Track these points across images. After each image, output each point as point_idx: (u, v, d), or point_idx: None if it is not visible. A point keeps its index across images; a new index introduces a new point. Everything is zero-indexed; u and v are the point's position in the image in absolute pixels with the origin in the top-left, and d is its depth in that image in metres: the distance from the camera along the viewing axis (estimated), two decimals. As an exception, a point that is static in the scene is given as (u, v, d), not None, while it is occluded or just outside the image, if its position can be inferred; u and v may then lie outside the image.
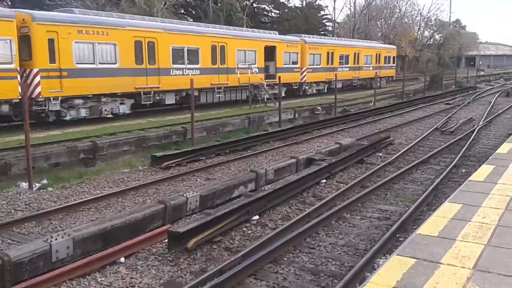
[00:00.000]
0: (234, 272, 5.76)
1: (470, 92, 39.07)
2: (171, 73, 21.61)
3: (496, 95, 34.20)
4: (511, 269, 4.31)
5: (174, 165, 12.73)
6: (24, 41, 16.69)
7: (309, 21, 55.03)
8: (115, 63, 19.33)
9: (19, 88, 16.14)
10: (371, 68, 39.17)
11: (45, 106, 17.25)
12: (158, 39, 20.81)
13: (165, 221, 8.02)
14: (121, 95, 19.86)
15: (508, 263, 4.43)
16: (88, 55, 18.35)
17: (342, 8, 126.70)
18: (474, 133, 16.88)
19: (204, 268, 6.37)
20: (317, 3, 60.46)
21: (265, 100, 25.79)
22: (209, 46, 23.68)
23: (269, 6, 57.22)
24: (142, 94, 20.45)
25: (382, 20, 68.08)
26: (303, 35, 33.55)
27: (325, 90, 33.95)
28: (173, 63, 21.71)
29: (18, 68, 16.27)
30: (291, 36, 32.24)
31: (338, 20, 65.24)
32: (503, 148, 10.59)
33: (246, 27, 38.07)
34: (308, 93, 32.43)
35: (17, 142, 13.70)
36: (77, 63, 17.94)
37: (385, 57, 42.04)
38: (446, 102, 30.26)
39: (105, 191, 10.40)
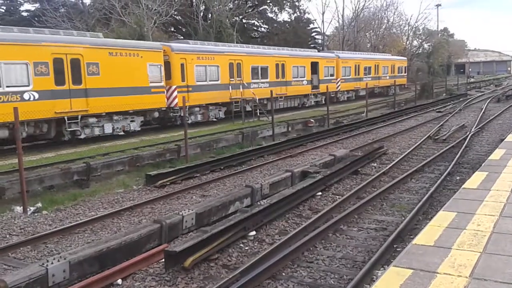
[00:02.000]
0: (232, 290, 5.74)
1: (461, 99, 39.39)
2: (251, 86, 27.23)
3: (487, 101, 34.49)
4: (507, 276, 4.33)
5: (168, 183, 12.72)
6: (166, 66, 21.94)
7: (298, 35, 55.47)
8: (218, 80, 24.89)
9: (166, 100, 21.84)
10: (388, 77, 44.82)
11: (177, 113, 22.60)
12: (243, 61, 26.76)
13: (161, 240, 7.98)
14: (221, 104, 25.51)
15: (504, 270, 4.45)
16: (203, 75, 23.95)
17: (331, 21, 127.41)
18: (467, 140, 16.98)
19: (202, 287, 6.34)
20: (305, 17, 61.00)
21: (258, 114, 26.01)
22: (274, 64, 29.54)
23: (258, 21, 57.70)
24: (233, 103, 25.78)
25: (371, 31, 68.70)
26: (335, 51, 40.49)
27: (353, 97, 39.64)
28: (252, 79, 27.50)
29: (165, 85, 21.81)
30: (328, 53, 38.73)
31: (327, 33, 65.81)
32: (496, 154, 10.67)
33: (237, 42, 38.37)
34: (341, 99, 37.97)
35: (10, 166, 13.64)
36: (196, 81, 23.50)
37: (398, 68, 48.05)
38: (437, 110, 30.48)
39: (100, 212, 10.37)
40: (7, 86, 15.94)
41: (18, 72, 16.27)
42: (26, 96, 16.42)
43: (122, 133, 19.90)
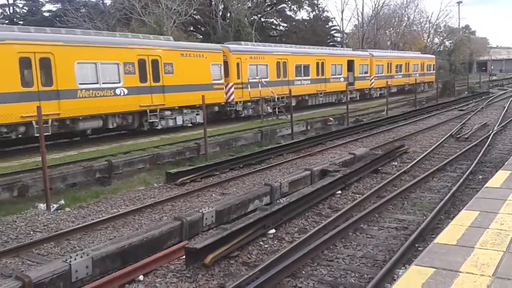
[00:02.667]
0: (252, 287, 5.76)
1: (483, 97, 38.77)
2: (295, 84, 28.90)
3: (510, 100, 33.83)
4: (532, 275, 4.26)
5: (188, 181, 12.80)
6: (224, 65, 24.06)
7: (317, 33, 55.22)
8: (266, 78, 26.71)
9: (224, 95, 23.99)
10: (417, 75, 45.72)
11: (233, 107, 24.74)
12: (288, 60, 28.69)
13: (182, 237, 8.06)
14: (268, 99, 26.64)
15: (529, 270, 4.38)
16: (254, 72, 25.89)
17: (350, 18, 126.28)
18: (489, 138, 16.73)
19: (222, 284, 6.38)
20: (324, 15, 60.67)
21: (277, 112, 26.00)
22: (315, 63, 31.29)
23: (277, 20, 57.56)
24: (279, 98, 26.80)
25: (391, 28, 67.98)
26: (369, 50, 42.09)
27: (385, 94, 38.79)
28: (295, 76, 29.29)
29: (224, 82, 23.89)
30: (363, 51, 40.17)
31: (346, 31, 65.31)
32: (519, 153, 10.48)
33: (255, 41, 38.38)
34: (374, 96, 39.19)
35: (34, 164, 13.89)
36: (250, 79, 25.46)
37: (427, 65, 49.28)
38: (459, 108, 30.06)
39: (121, 209, 10.49)
40: (103, 83, 18.09)
41: (111, 71, 18.48)
42: (118, 91, 18.65)
43: (190, 124, 22.17)
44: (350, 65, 35.50)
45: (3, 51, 15.26)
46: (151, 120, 20.05)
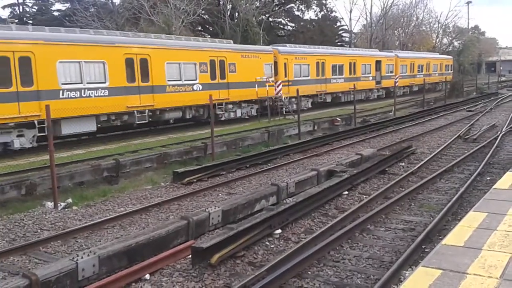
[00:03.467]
0: (258, 287, 5.76)
1: (492, 98, 38.55)
2: (331, 82, 32.30)
3: (519, 100, 33.66)
4: (540, 278, 4.22)
5: (195, 180, 12.82)
6: (274, 65, 26.86)
7: (325, 33, 55.17)
8: (308, 76, 29.76)
9: (274, 91, 26.31)
10: (437, 74, 49.70)
11: (281, 102, 26.77)
12: (326, 60, 31.68)
13: (188, 236, 8.07)
14: (308, 96, 29.65)
15: (537, 273, 4.34)
16: (298, 72, 28.86)
17: (358, 18, 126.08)
18: (498, 139, 16.61)
19: (228, 284, 6.38)
20: (332, 15, 60.57)
21: (284, 112, 26.04)
22: (348, 63, 34.20)
23: (285, 19, 57.53)
24: (318, 95, 30.71)
25: (400, 28, 67.74)
26: (394, 51, 45.04)
27: (408, 92, 43.31)
28: (332, 75, 32.20)
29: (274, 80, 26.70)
30: (388, 52, 42.79)
31: (354, 31, 65.17)
32: (528, 155, 10.40)
33: (263, 41, 38.38)
34: (398, 94, 39.07)
35: (41, 162, 13.96)
36: (295, 77, 28.40)
37: (446, 66, 52.71)
38: (467, 109, 29.88)
39: (128, 208, 10.53)
40: (184, 80, 21.30)
41: (191, 70, 21.70)
42: (195, 87, 21.78)
43: (247, 117, 25.06)
44: (378, 65, 38.28)
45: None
46: (218, 112, 22.89)
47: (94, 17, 36.21)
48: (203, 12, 39.50)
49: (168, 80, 20.44)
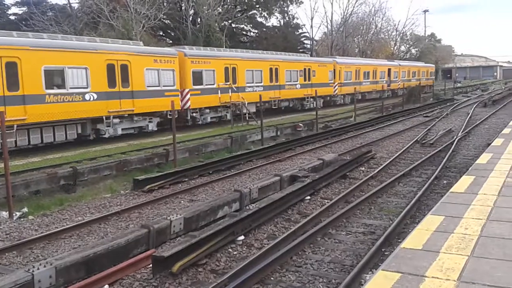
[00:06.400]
0: (220, 295, 5.70)
1: (448, 104, 39.77)
2: (362, 84, 41.97)
3: (474, 106, 34.86)
4: (495, 279, 4.34)
5: (156, 188, 12.63)
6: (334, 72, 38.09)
7: (287, 40, 55.57)
8: (350, 79, 40.50)
9: (333, 90, 38.09)
10: (424, 79, 58.72)
11: (336, 97, 38.72)
12: (361, 68, 42.37)
13: (149, 245, 7.91)
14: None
15: (492, 274, 4.47)
16: (346, 77, 39.67)
17: (319, 26, 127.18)
18: (454, 144, 17.11)
19: (190, 292, 6.29)
20: (294, 22, 61.15)
21: (247, 118, 25.95)
22: (372, 70, 44.38)
23: (247, 26, 57.69)
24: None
25: (359, 36, 69.11)
26: (397, 60, 57.27)
27: (405, 92, 49.54)
28: (363, 79, 42.75)
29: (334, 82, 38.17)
30: (394, 62, 54.30)
31: (316, 38, 66.02)
32: (482, 159, 10.75)
33: (225, 47, 38.30)
34: (399, 94, 48.49)
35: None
36: (344, 80, 39.35)
37: (429, 72, 62.60)
38: (425, 115, 30.71)
39: (86, 217, 10.26)
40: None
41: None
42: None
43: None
44: (389, 71, 48.84)
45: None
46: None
47: (51, 21, 35.25)
48: (164, 17, 39.09)
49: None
